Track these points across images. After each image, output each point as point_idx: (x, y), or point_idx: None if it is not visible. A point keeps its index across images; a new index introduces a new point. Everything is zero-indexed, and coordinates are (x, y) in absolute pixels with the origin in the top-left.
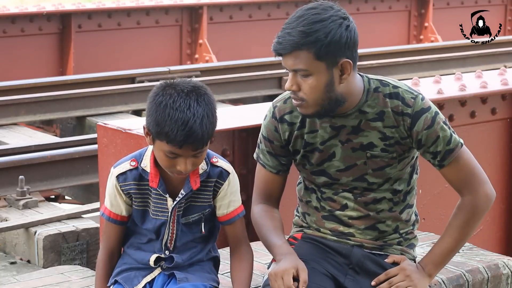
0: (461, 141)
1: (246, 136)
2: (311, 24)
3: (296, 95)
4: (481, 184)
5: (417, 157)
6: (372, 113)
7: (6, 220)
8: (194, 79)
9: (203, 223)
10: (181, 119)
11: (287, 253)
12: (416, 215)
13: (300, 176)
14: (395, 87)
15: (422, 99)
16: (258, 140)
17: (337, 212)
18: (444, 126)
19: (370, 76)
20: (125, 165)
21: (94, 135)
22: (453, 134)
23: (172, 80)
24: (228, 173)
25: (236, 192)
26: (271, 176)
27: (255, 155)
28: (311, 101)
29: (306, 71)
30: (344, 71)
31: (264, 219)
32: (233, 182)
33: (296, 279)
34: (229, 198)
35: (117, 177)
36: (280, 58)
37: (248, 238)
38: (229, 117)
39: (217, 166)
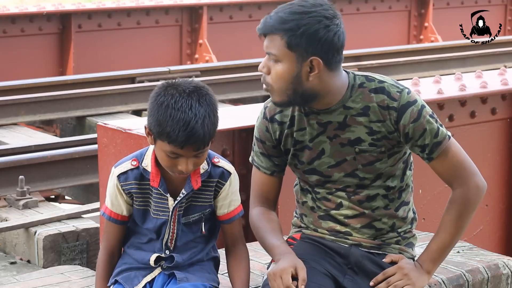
0: (449, 133)
1: (246, 136)
2: (291, 14)
3: (264, 79)
4: (471, 176)
5: (410, 153)
6: (356, 108)
7: (6, 220)
8: (195, 79)
9: (203, 223)
10: (182, 120)
11: (286, 252)
12: (414, 212)
13: (296, 177)
14: (381, 82)
15: (408, 92)
16: (253, 142)
17: (333, 212)
18: (431, 119)
19: (357, 72)
20: (126, 165)
21: (94, 135)
22: (440, 127)
23: (173, 80)
24: (230, 173)
25: (236, 192)
26: (266, 177)
27: (250, 158)
28: (276, 88)
29: (276, 57)
30: (313, 69)
31: (262, 222)
32: (234, 182)
33: (295, 278)
34: (230, 198)
35: (118, 176)
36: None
37: (244, 238)
38: (229, 117)
39: (219, 167)
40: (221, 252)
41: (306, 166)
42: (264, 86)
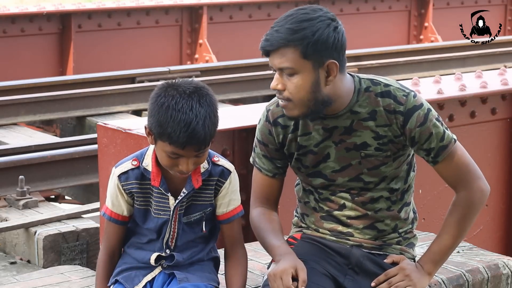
0: (454, 137)
1: (246, 136)
2: (299, 22)
3: (281, 94)
4: (476, 179)
5: (413, 154)
6: (364, 112)
7: (6, 220)
8: (195, 79)
9: (204, 222)
10: (183, 121)
11: (286, 253)
12: (414, 212)
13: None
14: (386, 85)
15: (414, 96)
16: (254, 144)
17: (335, 212)
18: (437, 122)
19: (362, 75)
20: (126, 165)
21: (94, 135)
22: (446, 130)
23: (174, 81)
24: (230, 172)
25: (236, 191)
26: (268, 179)
27: (251, 159)
28: (296, 100)
29: (292, 69)
30: (330, 72)
31: (262, 222)
32: (234, 180)
33: (295, 279)
34: (230, 197)
35: (119, 176)
36: (267, 59)
37: (243, 241)
38: (229, 117)
39: (219, 165)
40: (221, 253)
41: (311, 170)
42: (281, 102)
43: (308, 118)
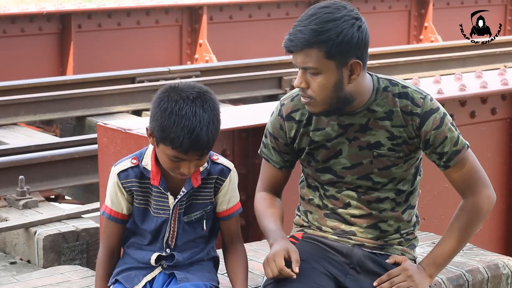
0: (467, 143)
1: (246, 136)
2: (323, 23)
3: (304, 92)
4: (484, 187)
5: (421, 158)
6: (380, 112)
7: (6, 220)
8: (195, 79)
9: (205, 220)
10: (187, 127)
11: (279, 238)
12: (417, 216)
13: (302, 175)
14: (404, 87)
15: (431, 99)
16: (264, 134)
17: (340, 210)
18: (452, 127)
19: (380, 75)
20: (126, 163)
21: (94, 135)
22: (459, 135)
23: (176, 84)
24: (229, 170)
25: (236, 188)
26: (275, 170)
27: (259, 150)
28: (319, 99)
29: (316, 69)
30: (353, 71)
31: (263, 205)
32: (234, 178)
33: (289, 262)
34: (230, 194)
35: (119, 174)
36: (290, 56)
37: (242, 237)
38: (229, 117)
39: (218, 164)
40: (220, 253)
41: (321, 164)
42: (304, 100)
43: (329, 115)
